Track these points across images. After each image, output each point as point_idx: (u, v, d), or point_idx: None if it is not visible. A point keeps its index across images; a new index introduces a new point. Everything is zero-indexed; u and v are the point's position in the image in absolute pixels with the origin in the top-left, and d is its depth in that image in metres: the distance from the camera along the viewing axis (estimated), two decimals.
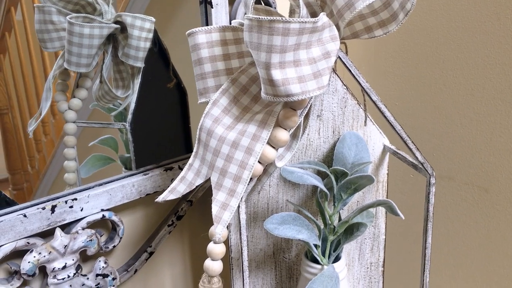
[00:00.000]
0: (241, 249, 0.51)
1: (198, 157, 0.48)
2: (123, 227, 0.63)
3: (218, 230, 0.45)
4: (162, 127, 0.73)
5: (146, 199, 0.68)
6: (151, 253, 0.67)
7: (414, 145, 0.51)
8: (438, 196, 0.78)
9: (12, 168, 0.62)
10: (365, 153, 0.59)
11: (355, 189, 0.54)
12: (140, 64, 0.67)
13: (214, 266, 0.52)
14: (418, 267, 0.82)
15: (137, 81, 0.69)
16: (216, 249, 0.50)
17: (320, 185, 0.52)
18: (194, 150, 0.49)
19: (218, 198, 0.46)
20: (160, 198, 0.48)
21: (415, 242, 0.82)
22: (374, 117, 0.61)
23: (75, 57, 0.64)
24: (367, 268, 0.67)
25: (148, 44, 0.66)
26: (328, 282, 0.51)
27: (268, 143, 0.46)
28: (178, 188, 0.48)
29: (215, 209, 0.45)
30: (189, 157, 0.50)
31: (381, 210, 0.65)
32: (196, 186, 0.49)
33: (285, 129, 0.46)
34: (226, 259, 0.58)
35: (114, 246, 0.63)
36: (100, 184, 0.61)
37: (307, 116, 0.55)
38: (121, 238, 0.63)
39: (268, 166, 0.57)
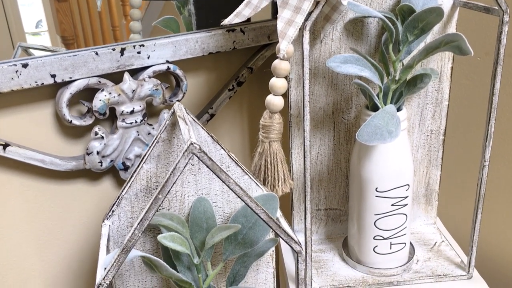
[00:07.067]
0: (303, 82, 0.52)
1: None
2: (186, 83, 0.65)
3: (283, 46, 0.46)
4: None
5: (208, 61, 0.69)
6: (212, 115, 0.69)
7: None
8: (505, 75, 0.75)
9: None
10: (433, 4, 0.57)
11: (422, 29, 0.52)
12: None
13: (275, 100, 0.53)
14: (480, 137, 0.79)
15: None
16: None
17: (385, 19, 0.51)
18: None
19: (283, 15, 0.46)
20: (226, 21, 0.49)
21: (479, 112, 0.79)
22: None
23: None
24: (427, 135, 0.66)
25: None
26: (389, 118, 0.51)
27: None
28: (243, 12, 0.49)
29: (280, 25, 0.46)
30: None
31: (446, 74, 0.63)
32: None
33: None
34: (285, 116, 0.59)
35: (178, 101, 0.65)
36: (166, 37, 0.63)
37: None
38: (184, 93, 0.65)
39: (331, 13, 0.57)
